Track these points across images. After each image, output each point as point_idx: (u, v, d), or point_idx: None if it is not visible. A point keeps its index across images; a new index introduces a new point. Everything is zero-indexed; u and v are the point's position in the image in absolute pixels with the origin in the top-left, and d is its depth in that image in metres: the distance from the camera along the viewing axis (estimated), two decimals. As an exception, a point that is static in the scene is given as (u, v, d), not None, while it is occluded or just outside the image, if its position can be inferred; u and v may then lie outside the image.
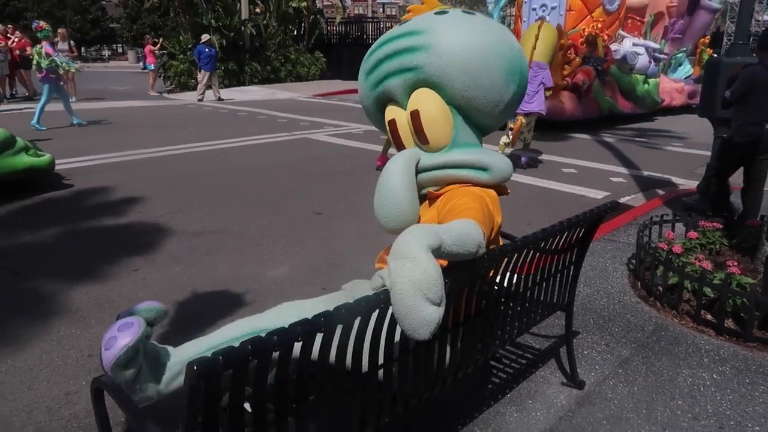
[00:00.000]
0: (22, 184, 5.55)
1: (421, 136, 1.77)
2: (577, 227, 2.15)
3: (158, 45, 18.37)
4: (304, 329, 1.20)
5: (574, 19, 11.85)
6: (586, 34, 11.19)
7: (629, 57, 11.89)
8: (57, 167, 6.18)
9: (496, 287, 1.83)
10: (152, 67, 17.81)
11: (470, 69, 1.67)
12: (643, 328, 3.08)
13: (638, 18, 13.30)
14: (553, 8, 11.95)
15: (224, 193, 5.85)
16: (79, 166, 6.88)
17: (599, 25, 11.48)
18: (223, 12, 18.62)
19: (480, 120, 1.83)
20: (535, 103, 6.98)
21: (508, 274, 1.84)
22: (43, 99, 9.65)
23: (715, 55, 13.75)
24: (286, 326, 1.18)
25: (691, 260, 3.29)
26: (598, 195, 6.11)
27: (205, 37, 14.56)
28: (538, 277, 2.09)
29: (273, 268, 3.93)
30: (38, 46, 9.56)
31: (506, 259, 1.80)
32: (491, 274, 1.75)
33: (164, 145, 8.42)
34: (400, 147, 1.85)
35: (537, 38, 7.00)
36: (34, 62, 9.51)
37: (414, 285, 1.23)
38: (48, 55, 9.28)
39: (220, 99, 14.79)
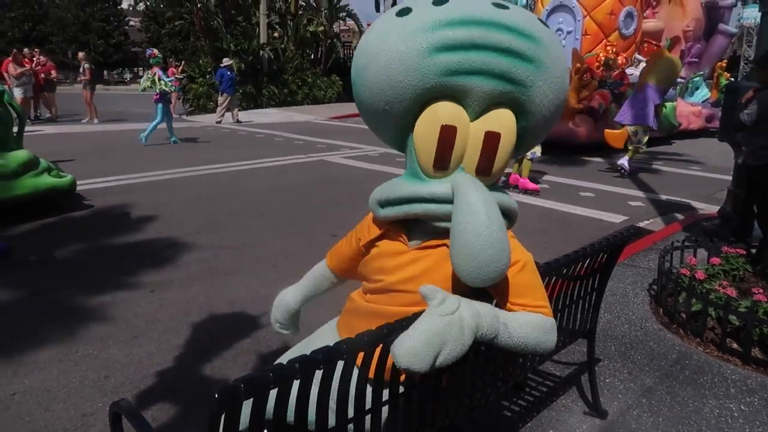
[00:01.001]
0: (45, 204, 5.63)
1: (486, 162, 1.40)
2: (599, 253, 2.12)
3: (180, 68, 18.72)
4: (326, 356, 1.19)
5: (589, 43, 11.87)
6: (602, 58, 11.19)
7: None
8: (79, 188, 6.26)
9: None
10: (174, 89, 18.13)
11: (558, 107, 1.43)
12: (666, 356, 3.01)
13: (654, 42, 13.30)
14: (569, 32, 12.00)
15: (241, 214, 5.88)
16: (100, 186, 6.98)
17: (615, 49, 11.48)
18: (242, 36, 18.99)
19: (521, 152, 1.63)
20: (647, 116, 8.29)
21: None
22: (158, 119, 10.79)
23: (733, 79, 13.69)
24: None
25: (714, 287, 3.23)
26: (617, 219, 6.04)
27: (226, 61, 14.81)
28: (560, 304, 2.06)
29: (289, 290, 3.92)
30: (150, 71, 10.90)
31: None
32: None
33: (183, 166, 8.52)
34: (441, 162, 1.39)
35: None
36: (146, 86, 10.75)
37: (437, 349, 1.24)
38: (159, 79, 10.53)
39: (238, 121, 14.98)
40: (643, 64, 12.14)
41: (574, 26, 11.92)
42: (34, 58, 14.44)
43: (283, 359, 1.62)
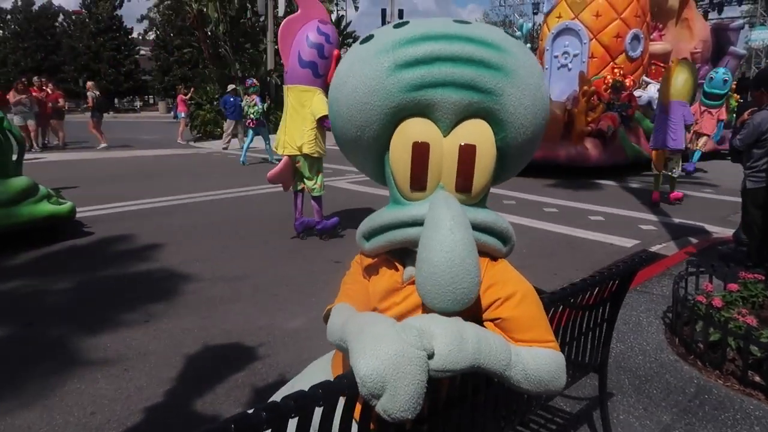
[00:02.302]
0: (44, 232, 5.56)
1: (464, 179, 1.30)
2: (609, 281, 1.98)
3: (189, 95, 18.92)
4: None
5: (596, 65, 11.85)
6: (609, 80, 11.14)
7: (654, 103, 11.78)
8: (81, 214, 6.20)
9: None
10: (183, 116, 18.33)
11: (538, 114, 1.34)
12: (684, 390, 2.83)
13: (662, 64, 13.26)
14: (575, 55, 12.00)
15: (243, 241, 5.77)
16: (102, 213, 6.92)
17: (622, 72, 11.44)
18: (250, 63, 19.16)
19: (502, 173, 1.47)
20: (679, 141, 7.82)
21: None
22: (248, 140, 12.68)
23: (742, 101, 13.57)
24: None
25: (733, 315, 3.06)
26: (628, 243, 5.88)
27: (230, 87, 14.90)
28: (568, 336, 1.91)
29: (289, 319, 3.78)
30: (249, 98, 12.32)
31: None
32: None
33: (187, 192, 8.47)
34: (418, 183, 1.32)
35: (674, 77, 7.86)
36: (248, 112, 12.27)
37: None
38: (256, 105, 12.08)
39: (244, 147, 15.00)
40: (651, 86, 12.11)
41: (580, 49, 11.93)
42: (44, 87, 14.63)
43: (277, 396, 1.49)
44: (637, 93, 11.72)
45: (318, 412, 1.10)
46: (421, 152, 1.29)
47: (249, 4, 20.20)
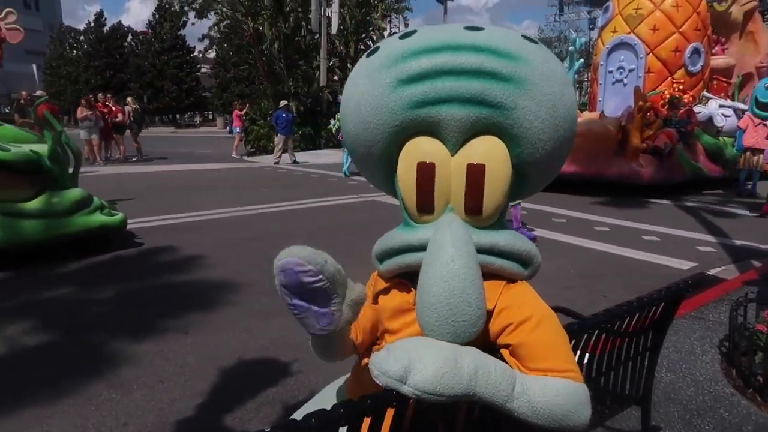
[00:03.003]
0: (97, 241, 5.76)
1: (473, 201, 1.21)
2: (651, 306, 1.85)
3: (244, 111, 19.46)
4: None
5: (653, 81, 11.45)
6: (666, 95, 10.73)
7: (716, 119, 11.26)
8: (132, 225, 6.40)
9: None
10: (237, 131, 18.87)
11: (560, 127, 1.22)
12: (740, 427, 2.62)
13: (724, 79, 12.70)
14: (630, 70, 11.65)
15: (286, 254, 5.80)
16: (153, 225, 7.12)
17: (681, 87, 11.01)
18: (302, 80, 19.53)
19: (525, 189, 1.38)
20: None
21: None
22: (345, 153, 12.38)
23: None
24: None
25: (796, 347, 2.82)
26: (684, 265, 5.57)
27: (282, 103, 15.23)
28: (604, 365, 1.79)
29: (324, 335, 3.75)
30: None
31: (573, 342, 1.55)
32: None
33: (236, 206, 8.63)
34: (424, 205, 1.24)
35: None
36: (337, 126, 12.63)
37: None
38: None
39: (295, 162, 15.26)
40: (712, 102, 11.59)
41: (636, 64, 11.58)
42: (107, 103, 15.39)
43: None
44: (696, 109, 11.24)
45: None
46: (426, 173, 1.21)
47: (304, 23, 20.67)
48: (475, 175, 1.19)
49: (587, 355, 1.70)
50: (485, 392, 1.08)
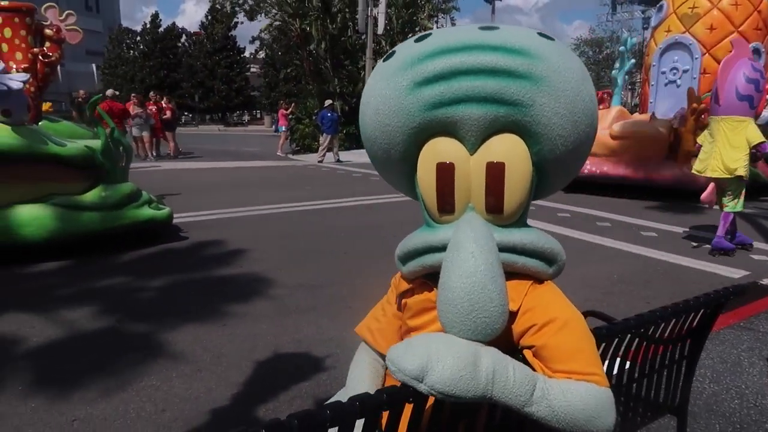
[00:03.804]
0: (144, 235, 5.96)
1: (494, 199, 1.21)
2: (690, 313, 1.78)
3: (289, 110, 19.78)
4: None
5: (709, 82, 10.96)
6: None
7: (775, 122, 10.75)
8: (179, 220, 6.60)
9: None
10: (283, 129, 19.20)
11: (579, 122, 1.21)
12: (786, 442, 2.50)
13: (787, 80, 12.11)
14: (685, 71, 11.23)
15: (326, 251, 5.87)
16: (198, 219, 7.33)
17: (739, 88, 10.54)
18: (348, 80, 19.68)
19: (548, 186, 1.36)
20: None
21: (605, 362, 1.54)
22: None
23: None
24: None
25: None
26: (736, 274, 5.35)
27: (327, 103, 15.40)
28: (637, 372, 1.74)
29: (359, 332, 3.78)
30: None
31: (603, 346, 1.52)
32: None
33: (279, 202, 8.78)
34: (445, 205, 1.24)
35: None
36: None
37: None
38: None
39: (338, 161, 15.40)
40: (772, 104, 11.06)
41: (691, 65, 11.16)
42: (158, 102, 15.97)
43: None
44: (755, 111, 10.75)
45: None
46: (445, 173, 1.21)
47: (351, 23, 20.82)
48: (495, 173, 1.19)
49: (618, 360, 1.66)
50: (502, 396, 1.06)
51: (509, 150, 1.20)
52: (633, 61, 12.79)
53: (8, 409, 2.75)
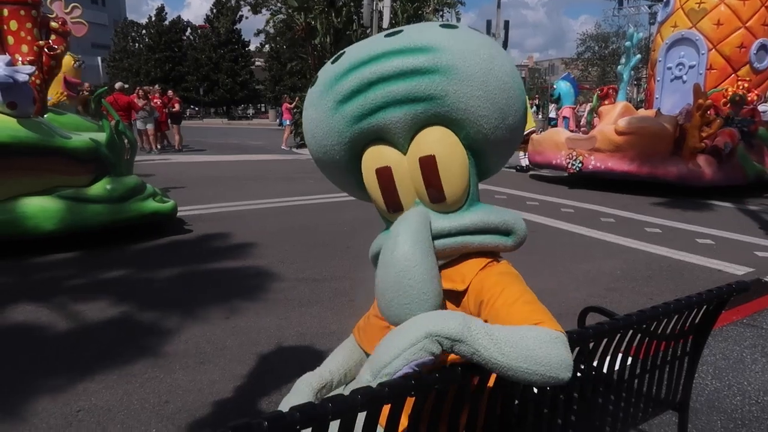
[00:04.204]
0: (149, 227, 5.99)
1: (434, 190, 1.29)
2: (692, 309, 1.78)
3: (293, 104, 19.75)
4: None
5: (715, 78, 10.96)
6: (729, 93, 10.26)
7: (783, 119, 10.71)
8: (183, 213, 6.61)
9: (581, 374, 1.54)
10: (287, 123, 19.19)
11: (498, 99, 1.26)
12: (787, 439, 2.50)
13: (794, 77, 12.04)
14: (691, 67, 11.18)
15: (329, 245, 5.88)
16: (202, 212, 7.34)
17: (746, 85, 10.48)
18: (353, 73, 19.63)
19: (490, 164, 1.42)
20: None
21: (606, 358, 1.57)
22: None
23: None
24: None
25: None
26: (739, 270, 5.34)
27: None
28: (638, 367, 1.74)
29: (362, 326, 3.79)
30: None
31: (605, 341, 1.53)
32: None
33: (283, 196, 8.80)
34: (393, 205, 1.33)
35: None
36: None
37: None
38: None
39: (343, 155, 15.43)
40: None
41: (697, 60, 11.11)
42: (168, 94, 16.01)
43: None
44: (761, 108, 10.71)
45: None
46: (385, 176, 1.31)
47: (356, 17, 20.74)
48: (428, 166, 1.27)
49: (620, 355, 1.66)
50: (478, 334, 1.07)
51: (436, 141, 1.27)
52: (639, 56, 12.73)
53: (14, 399, 2.77)
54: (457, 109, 1.24)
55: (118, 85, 15.03)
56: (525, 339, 1.07)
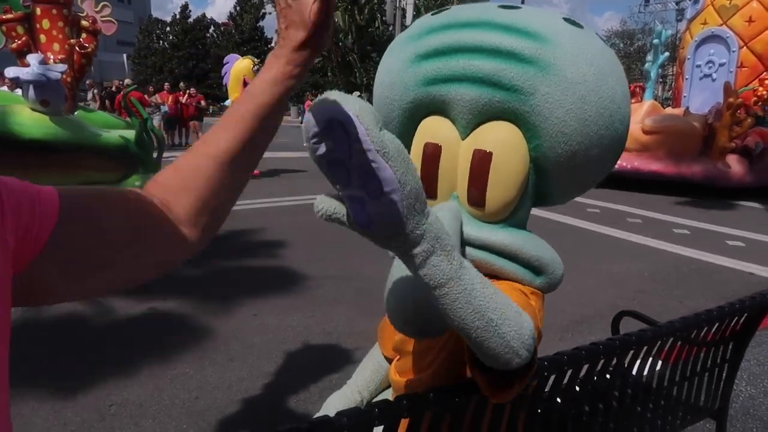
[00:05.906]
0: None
1: (477, 191, 1.10)
2: (734, 317, 1.75)
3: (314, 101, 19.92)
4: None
5: (746, 76, 10.74)
6: (761, 92, 10.05)
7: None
8: (208, 210, 6.66)
9: (620, 380, 1.52)
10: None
11: (590, 122, 1.06)
12: (827, 449, 2.45)
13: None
14: (721, 65, 10.98)
15: (355, 242, 5.85)
16: (233, 209, 7.39)
17: (777, 83, 10.25)
18: (375, 71, 19.66)
19: (554, 190, 1.20)
20: None
21: (646, 363, 1.53)
22: None
23: None
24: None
25: None
26: (772, 274, 5.24)
27: (354, 94, 15.43)
28: (678, 374, 1.71)
29: (388, 325, 3.79)
30: None
31: (645, 348, 1.50)
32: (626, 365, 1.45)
33: (307, 193, 8.82)
34: (427, 189, 0.92)
35: None
36: None
37: None
38: None
39: (365, 152, 15.49)
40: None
41: (728, 58, 10.91)
42: (189, 90, 16.24)
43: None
44: (794, 106, 10.45)
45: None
46: (431, 154, 1.12)
47: (379, 14, 20.77)
48: (480, 162, 1.08)
49: (660, 362, 1.64)
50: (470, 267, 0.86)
51: (500, 139, 1.08)
52: (667, 54, 12.52)
53: (49, 392, 2.83)
54: (539, 113, 1.05)
55: (127, 81, 15.33)
56: (494, 305, 0.86)
